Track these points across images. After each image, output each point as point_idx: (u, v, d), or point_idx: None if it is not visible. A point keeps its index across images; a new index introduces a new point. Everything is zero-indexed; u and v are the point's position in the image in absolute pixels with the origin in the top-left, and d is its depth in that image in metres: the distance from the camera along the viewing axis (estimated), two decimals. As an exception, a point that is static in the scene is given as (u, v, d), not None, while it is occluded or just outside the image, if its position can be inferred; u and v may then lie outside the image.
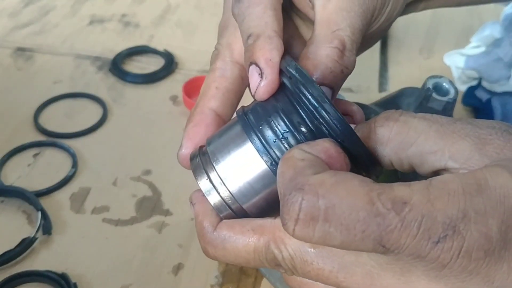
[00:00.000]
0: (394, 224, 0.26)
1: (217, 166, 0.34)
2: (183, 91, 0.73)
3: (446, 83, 0.48)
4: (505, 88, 0.67)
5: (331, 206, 0.27)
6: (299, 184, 0.27)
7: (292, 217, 0.27)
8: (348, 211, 0.26)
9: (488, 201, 0.26)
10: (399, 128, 0.31)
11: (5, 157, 0.65)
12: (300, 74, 0.32)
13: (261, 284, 0.54)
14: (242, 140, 0.34)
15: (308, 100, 0.31)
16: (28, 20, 0.88)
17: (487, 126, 0.29)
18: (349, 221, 0.26)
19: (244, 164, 0.33)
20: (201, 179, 0.35)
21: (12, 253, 0.54)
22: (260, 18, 0.36)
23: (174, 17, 0.91)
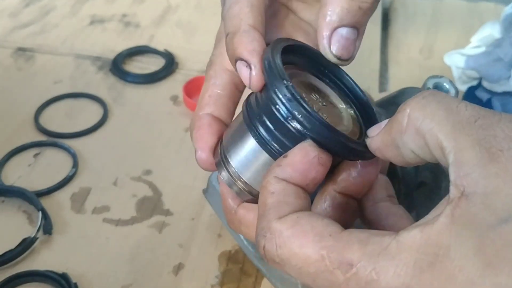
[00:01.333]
0: (340, 280, 0.28)
1: (231, 160, 0.37)
2: (183, 91, 0.73)
3: (447, 83, 0.48)
4: (505, 88, 0.67)
5: (286, 257, 0.29)
6: (263, 230, 0.30)
7: (262, 254, 0.31)
8: (300, 264, 0.29)
9: (438, 277, 0.25)
10: (415, 111, 0.29)
11: (6, 157, 0.65)
12: (270, 69, 0.32)
13: (261, 284, 0.54)
14: (245, 135, 0.35)
15: (278, 97, 0.32)
16: (28, 20, 0.88)
17: (505, 137, 0.26)
18: (301, 271, 0.29)
19: (251, 157, 0.35)
20: (221, 172, 0.38)
21: (13, 253, 0.54)
22: (236, 16, 0.37)
23: (175, 17, 0.91)
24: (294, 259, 0.29)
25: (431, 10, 0.95)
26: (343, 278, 0.27)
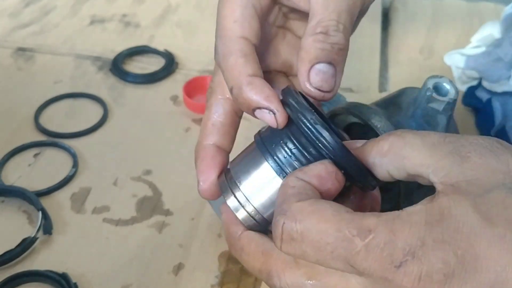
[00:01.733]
0: (359, 247, 0.30)
1: (241, 186, 0.39)
2: (183, 91, 0.73)
3: (447, 83, 0.48)
4: (505, 88, 0.67)
5: (306, 230, 0.32)
6: (283, 210, 0.33)
7: (278, 237, 0.33)
8: (319, 235, 0.31)
9: (446, 230, 0.30)
10: (396, 141, 0.35)
11: (6, 157, 0.65)
12: (297, 102, 0.37)
13: (262, 284, 0.54)
14: (260, 162, 0.38)
15: (305, 125, 0.36)
16: (28, 20, 0.88)
17: (471, 143, 0.33)
18: (320, 244, 0.31)
19: (263, 182, 0.38)
20: (229, 198, 0.40)
21: (13, 253, 0.54)
22: (234, 69, 0.40)
23: (175, 17, 0.91)
24: (314, 231, 0.32)
25: (431, 10, 0.95)
26: (362, 244, 0.30)
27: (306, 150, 0.37)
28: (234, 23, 0.41)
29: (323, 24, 0.40)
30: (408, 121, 0.49)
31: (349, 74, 0.78)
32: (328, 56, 0.40)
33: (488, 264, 0.29)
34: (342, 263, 0.31)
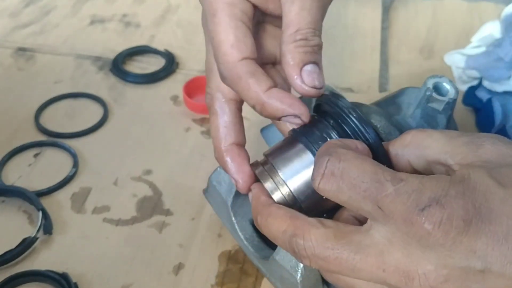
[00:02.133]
0: (389, 191, 0.34)
1: (280, 172, 0.43)
2: (183, 91, 0.73)
3: (447, 82, 0.48)
4: (505, 88, 0.67)
5: (347, 168, 0.36)
6: (329, 151, 0.37)
7: (319, 173, 0.36)
8: (357, 174, 0.35)
9: (466, 187, 0.34)
10: (418, 133, 0.39)
11: (6, 157, 0.65)
12: (342, 102, 0.43)
13: (261, 284, 0.54)
14: (301, 152, 0.43)
15: (352, 121, 0.42)
16: (28, 20, 0.88)
17: (485, 136, 0.37)
18: (356, 181, 0.35)
19: (301, 167, 0.43)
20: (267, 182, 0.44)
21: (13, 253, 0.54)
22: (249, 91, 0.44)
23: (175, 17, 0.91)
24: (353, 170, 0.35)
25: (431, 10, 0.95)
26: (393, 188, 0.34)
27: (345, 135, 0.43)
28: (232, 47, 0.43)
29: (302, 32, 0.43)
30: (408, 121, 0.49)
31: (349, 74, 0.78)
32: (312, 57, 0.43)
33: (501, 218, 0.33)
34: (371, 204, 0.35)
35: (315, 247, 0.37)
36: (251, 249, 0.51)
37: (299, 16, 0.43)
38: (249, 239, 0.51)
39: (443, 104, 0.47)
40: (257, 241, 0.51)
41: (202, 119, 0.72)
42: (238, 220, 0.51)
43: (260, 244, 0.51)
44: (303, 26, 0.43)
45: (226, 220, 0.53)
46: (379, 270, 0.35)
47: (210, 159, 0.66)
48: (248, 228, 0.52)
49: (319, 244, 0.37)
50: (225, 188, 0.51)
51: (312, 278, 0.46)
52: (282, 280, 0.47)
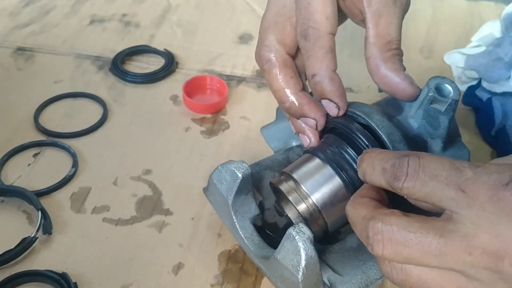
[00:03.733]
0: (469, 175, 0.36)
1: (303, 186, 0.48)
2: (183, 90, 0.73)
3: (449, 83, 0.48)
4: (504, 89, 0.67)
5: (427, 162, 0.38)
6: (406, 153, 0.39)
7: (403, 172, 0.38)
8: (437, 165, 0.38)
9: None
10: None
11: (5, 157, 0.65)
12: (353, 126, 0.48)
13: (261, 284, 0.54)
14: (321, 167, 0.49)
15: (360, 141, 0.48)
16: (28, 20, 0.88)
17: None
18: (437, 171, 0.37)
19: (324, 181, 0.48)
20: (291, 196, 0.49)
21: (12, 253, 0.54)
22: (322, 61, 0.49)
23: (175, 17, 0.91)
24: (432, 163, 0.38)
25: (431, 10, 0.95)
26: (472, 172, 0.36)
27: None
28: (327, 19, 0.48)
29: (395, 42, 0.50)
30: (409, 122, 0.49)
31: (349, 74, 0.78)
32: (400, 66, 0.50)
33: None
34: (454, 189, 0.36)
35: (394, 231, 0.37)
36: (252, 248, 0.51)
37: (388, 29, 0.49)
38: (250, 238, 0.51)
39: (445, 105, 0.47)
40: (257, 240, 0.51)
41: (202, 118, 0.72)
42: (239, 219, 0.51)
43: (261, 243, 0.51)
44: (394, 38, 0.50)
45: (227, 219, 0.53)
46: (465, 254, 0.35)
47: (209, 158, 0.66)
48: (249, 227, 0.52)
49: (400, 228, 0.37)
50: (226, 186, 0.51)
51: (313, 278, 0.46)
52: (283, 279, 0.47)
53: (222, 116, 0.73)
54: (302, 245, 0.44)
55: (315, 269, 0.45)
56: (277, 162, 0.57)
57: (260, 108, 0.74)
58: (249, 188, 0.51)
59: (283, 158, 0.57)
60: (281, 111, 0.62)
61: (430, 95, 0.47)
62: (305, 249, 0.44)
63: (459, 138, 0.51)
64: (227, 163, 0.51)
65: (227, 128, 0.71)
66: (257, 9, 0.94)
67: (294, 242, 0.45)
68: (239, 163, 0.50)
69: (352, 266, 0.48)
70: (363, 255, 0.49)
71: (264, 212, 0.53)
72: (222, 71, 0.80)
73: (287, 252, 0.45)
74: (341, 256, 0.49)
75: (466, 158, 0.51)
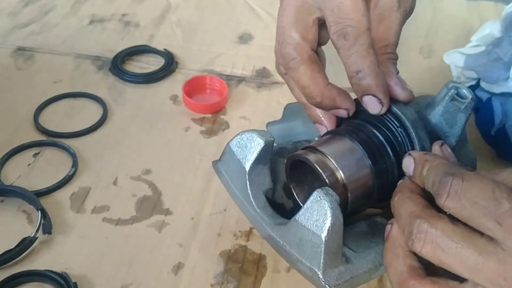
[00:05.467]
0: (506, 208, 0.37)
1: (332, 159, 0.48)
2: (183, 90, 0.73)
3: (465, 89, 0.50)
4: (503, 89, 0.67)
5: (469, 187, 0.39)
6: (452, 172, 0.40)
7: (445, 191, 0.39)
8: (477, 193, 0.38)
9: None
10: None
11: (5, 157, 0.65)
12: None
13: (261, 284, 0.54)
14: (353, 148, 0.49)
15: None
16: (28, 20, 0.88)
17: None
18: (477, 199, 0.38)
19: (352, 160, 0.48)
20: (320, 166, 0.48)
21: (12, 253, 0.54)
22: (366, 58, 0.48)
23: (174, 17, 0.91)
24: (474, 189, 0.39)
25: (431, 10, 0.95)
26: (509, 205, 0.37)
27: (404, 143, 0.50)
28: (363, 16, 0.48)
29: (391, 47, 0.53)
30: (427, 117, 0.50)
31: (349, 74, 0.78)
32: (396, 67, 0.53)
33: None
34: (491, 220, 0.37)
35: (438, 235, 0.39)
36: (265, 217, 0.50)
37: (387, 33, 0.52)
38: (262, 208, 0.51)
39: (465, 103, 0.49)
40: (270, 210, 0.51)
41: (201, 118, 0.72)
42: (253, 189, 0.51)
43: (273, 213, 0.51)
44: (391, 42, 0.52)
45: (239, 190, 0.52)
46: (500, 278, 0.37)
47: (209, 158, 0.66)
48: (262, 197, 0.51)
49: (444, 234, 0.39)
50: (245, 153, 0.50)
51: (336, 241, 0.45)
52: (301, 243, 0.46)
53: (222, 116, 0.73)
54: (329, 204, 0.44)
55: (339, 232, 0.45)
56: (286, 150, 0.56)
57: (260, 108, 0.74)
58: (268, 159, 0.51)
59: (292, 148, 0.57)
60: (288, 110, 0.62)
61: (452, 91, 0.49)
62: (332, 208, 0.44)
63: (467, 144, 0.52)
64: (250, 130, 0.51)
65: (227, 128, 0.71)
66: (257, 9, 0.94)
67: (320, 202, 0.44)
68: (262, 131, 0.50)
69: (365, 246, 0.49)
70: (375, 238, 0.49)
71: (273, 193, 0.53)
72: (222, 71, 0.80)
73: (312, 213, 0.45)
74: (354, 237, 0.49)
75: (474, 163, 0.51)
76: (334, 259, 0.46)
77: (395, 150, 0.49)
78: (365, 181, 0.48)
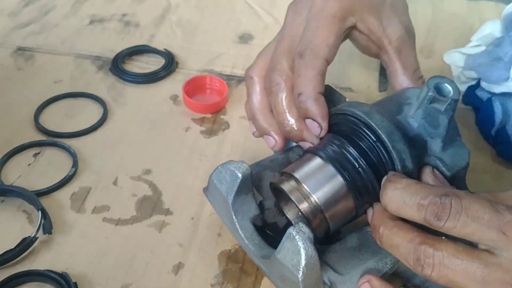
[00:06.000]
0: (509, 218, 0.39)
1: (305, 185, 0.48)
2: (183, 90, 0.73)
3: (448, 83, 0.48)
4: (504, 89, 0.67)
5: (468, 204, 0.40)
6: (446, 192, 0.41)
7: (445, 213, 0.40)
8: (478, 207, 0.40)
9: None
10: None
11: (6, 157, 0.65)
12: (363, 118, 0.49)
13: (261, 284, 0.54)
14: (322, 166, 0.49)
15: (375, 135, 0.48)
16: (28, 20, 0.88)
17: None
18: (479, 214, 0.39)
19: (325, 180, 0.48)
20: (293, 194, 0.48)
21: (12, 253, 0.54)
22: (310, 81, 0.51)
23: (174, 17, 0.91)
24: (474, 205, 0.40)
25: (431, 10, 0.95)
26: (511, 216, 0.39)
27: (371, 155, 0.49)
28: (326, 46, 0.52)
29: (419, 72, 0.58)
30: (409, 121, 0.49)
31: (349, 74, 0.78)
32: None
33: None
34: (495, 231, 0.39)
35: (444, 257, 0.40)
36: (252, 248, 0.51)
37: (409, 60, 0.58)
38: (250, 238, 0.51)
39: (445, 104, 0.47)
40: (257, 240, 0.51)
41: (201, 118, 0.72)
42: (239, 219, 0.51)
43: (261, 243, 0.51)
44: (417, 67, 0.58)
45: (227, 219, 0.53)
46: (508, 285, 0.39)
47: (209, 158, 0.66)
48: (249, 227, 0.52)
49: (449, 254, 0.40)
50: (226, 186, 0.50)
51: (313, 277, 0.46)
52: (283, 279, 0.47)
53: (222, 116, 0.73)
54: (302, 244, 0.44)
55: (315, 269, 0.45)
56: (277, 162, 0.57)
57: (260, 108, 0.74)
58: (249, 188, 0.51)
59: (283, 158, 0.57)
60: None
61: (429, 94, 0.47)
62: (305, 248, 0.44)
63: (458, 137, 0.51)
64: (227, 163, 0.51)
65: (227, 128, 0.71)
66: (257, 9, 0.94)
67: (294, 241, 0.45)
68: (239, 163, 0.50)
69: (353, 265, 0.48)
70: (363, 255, 0.49)
71: (264, 212, 0.53)
72: (222, 71, 0.80)
73: (287, 252, 0.45)
74: (341, 256, 0.49)
75: (466, 157, 0.51)
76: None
77: (373, 164, 0.48)
78: (344, 200, 0.48)
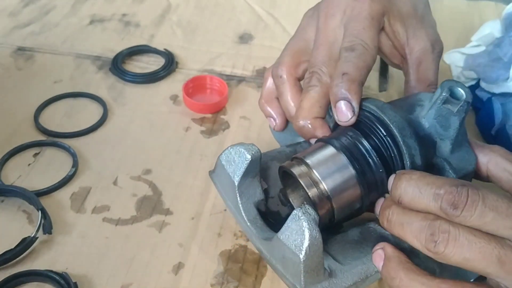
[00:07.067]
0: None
1: (316, 171, 0.48)
2: (183, 90, 0.73)
3: (462, 87, 0.49)
4: (503, 89, 0.67)
5: (486, 193, 0.40)
6: (463, 183, 0.41)
7: (462, 202, 0.40)
8: (496, 197, 0.40)
9: None
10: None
11: (6, 157, 0.65)
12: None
13: (261, 283, 0.54)
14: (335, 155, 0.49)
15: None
16: (28, 20, 0.88)
17: None
18: (498, 202, 0.40)
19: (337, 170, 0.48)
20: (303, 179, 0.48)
21: (12, 253, 0.54)
22: (360, 69, 0.51)
23: (175, 17, 0.91)
24: (491, 195, 0.40)
25: (431, 10, 0.94)
26: None
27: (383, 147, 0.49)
28: (375, 47, 0.54)
29: (434, 85, 0.57)
30: (421, 121, 0.50)
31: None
32: None
33: None
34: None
35: (461, 233, 0.40)
36: (254, 230, 0.51)
37: (427, 73, 0.57)
38: (253, 220, 0.51)
39: (458, 105, 0.48)
40: (260, 223, 0.51)
41: (201, 118, 0.72)
42: (243, 201, 0.51)
43: (263, 226, 0.51)
44: (433, 82, 0.57)
45: (231, 202, 0.53)
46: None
47: (209, 158, 0.66)
48: (252, 210, 0.51)
49: (466, 232, 0.40)
50: (234, 167, 0.50)
51: (315, 260, 0.45)
52: (284, 261, 0.47)
53: (222, 116, 0.73)
54: (307, 225, 0.44)
55: (317, 251, 0.45)
56: (285, 154, 0.56)
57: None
58: (257, 171, 0.51)
59: (290, 151, 0.57)
60: None
61: (443, 94, 0.48)
62: (309, 229, 0.44)
63: (467, 143, 0.52)
64: (237, 145, 0.51)
65: (227, 128, 0.71)
66: (257, 9, 0.94)
67: (299, 222, 0.44)
68: (250, 145, 0.50)
69: (353, 257, 0.48)
70: (364, 248, 0.49)
71: (268, 200, 0.53)
72: (222, 71, 0.80)
73: (291, 232, 0.45)
74: (343, 247, 0.49)
75: (473, 163, 0.51)
76: (315, 276, 0.46)
77: (384, 159, 0.49)
78: (352, 190, 0.48)
